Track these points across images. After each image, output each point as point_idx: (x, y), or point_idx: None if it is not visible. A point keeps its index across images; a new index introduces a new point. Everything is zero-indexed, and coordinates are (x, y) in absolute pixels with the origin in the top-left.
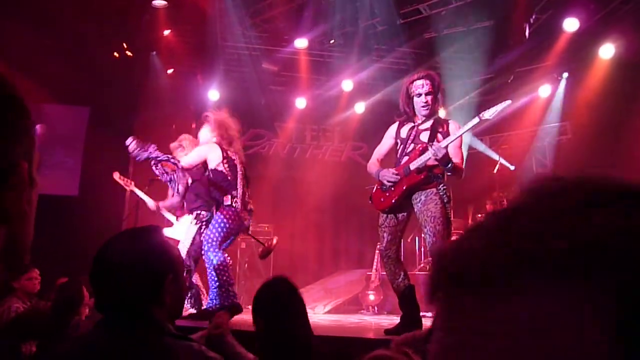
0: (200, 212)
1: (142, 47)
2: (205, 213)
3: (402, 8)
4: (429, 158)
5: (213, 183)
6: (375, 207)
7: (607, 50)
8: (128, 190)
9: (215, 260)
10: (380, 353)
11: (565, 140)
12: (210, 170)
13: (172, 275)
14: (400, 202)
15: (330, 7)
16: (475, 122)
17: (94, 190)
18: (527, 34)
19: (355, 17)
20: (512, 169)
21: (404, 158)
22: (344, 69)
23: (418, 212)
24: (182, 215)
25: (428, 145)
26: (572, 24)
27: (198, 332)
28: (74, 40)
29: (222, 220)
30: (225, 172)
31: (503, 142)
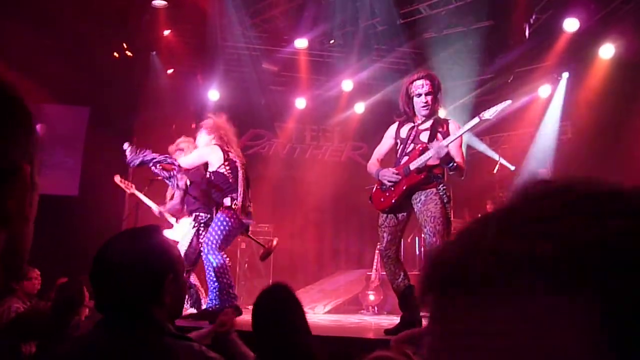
0: (199, 213)
1: (142, 47)
2: (204, 215)
3: (402, 8)
4: (431, 157)
5: (214, 185)
6: (375, 207)
7: (607, 50)
8: (129, 193)
9: (215, 263)
10: (381, 354)
11: (566, 140)
12: (211, 172)
13: (172, 275)
14: (400, 202)
15: (330, 7)
16: (476, 122)
17: (94, 190)
18: (527, 34)
19: (355, 17)
20: (512, 169)
21: (404, 158)
22: (344, 69)
23: (418, 212)
24: (182, 217)
25: (428, 145)
26: (572, 24)
27: (200, 330)
28: (74, 40)
29: (221, 223)
30: (227, 174)
31: (503, 142)
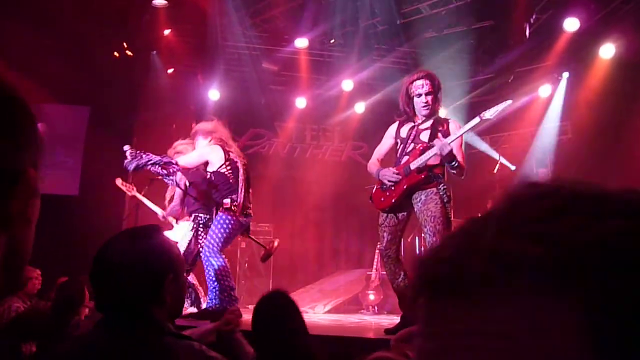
0: (199, 214)
1: (142, 46)
2: (204, 216)
3: (402, 8)
4: (435, 154)
5: (214, 185)
6: (376, 206)
7: (607, 50)
8: (130, 196)
9: (217, 266)
10: (381, 355)
11: (566, 140)
12: (212, 172)
13: (172, 275)
14: (401, 201)
15: (331, 6)
16: (476, 121)
17: (94, 190)
18: (527, 34)
19: (356, 16)
20: (513, 169)
21: (404, 158)
22: (344, 69)
23: (418, 211)
24: (182, 218)
25: (433, 142)
26: (572, 24)
27: (198, 328)
28: (74, 40)
29: (221, 225)
30: (227, 174)
31: (503, 142)
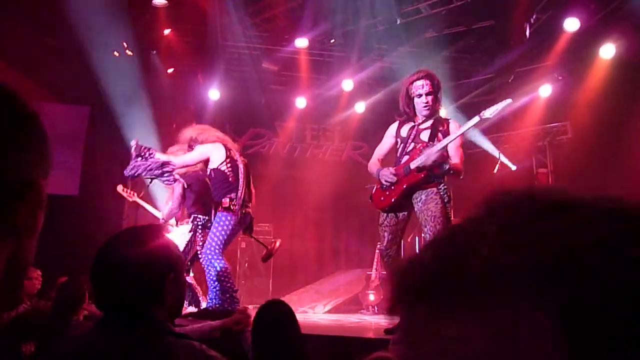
0: (197, 215)
1: (142, 46)
2: (202, 217)
3: (402, 8)
4: (421, 162)
5: (213, 183)
6: (376, 206)
7: (607, 50)
8: (130, 201)
9: (219, 267)
10: (381, 355)
11: (566, 140)
12: (212, 170)
13: (172, 275)
14: (401, 201)
15: (331, 6)
16: (476, 120)
17: (94, 190)
18: (527, 34)
19: (356, 16)
20: (513, 169)
21: (404, 157)
22: (345, 69)
23: (418, 211)
24: (182, 220)
25: (429, 144)
26: (572, 24)
27: (206, 325)
28: (74, 40)
29: (221, 226)
30: (227, 172)
31: (504, 141)
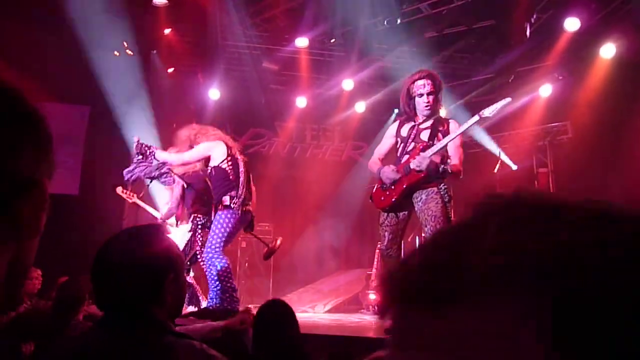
0: (197, 215)
1: (142, 46)
2: (202, 217)
3: (402, 7)
4: (415, 167)
5: (213, 181)
6: (376, 205)
7: (608, 50)
8: (130, 202)
9: (220, 267)
10: (381, 354)
11: (566, 140)
12: (213, 167)
13: (173, 275)
14: (401, 200)
15: (331, 6)
16: (475, 120)
17: (94, 190)
18: (528, 34)
19: (356, 16)
20: (514, 169)
21: (405, 157)
22: (345, 68)
23: (419, 211)
24: (182, 220)
25: (429, 144)
26: (573, 24)
27: (208, 324)
28: (74, 40)
29: (221, 225)
30: (228, 170)
31: (504, 141)
